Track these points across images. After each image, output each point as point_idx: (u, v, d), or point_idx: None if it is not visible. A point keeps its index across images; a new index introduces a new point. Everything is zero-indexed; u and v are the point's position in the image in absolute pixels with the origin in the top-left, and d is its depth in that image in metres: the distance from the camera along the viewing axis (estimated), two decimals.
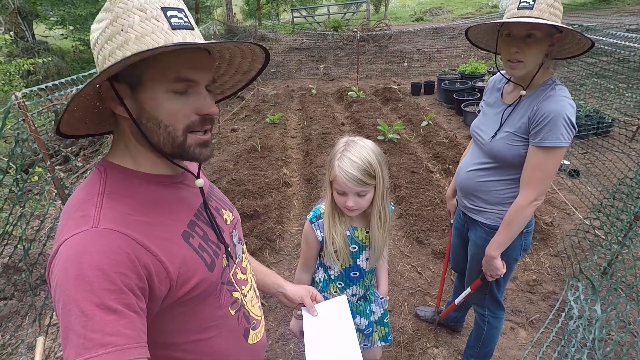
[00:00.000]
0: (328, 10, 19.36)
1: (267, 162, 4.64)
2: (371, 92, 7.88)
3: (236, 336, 0.94)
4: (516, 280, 2.88)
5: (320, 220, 1.43)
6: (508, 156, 1.54)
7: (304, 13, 18.96)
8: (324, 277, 1.56)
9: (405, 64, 10.30)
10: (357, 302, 1.60)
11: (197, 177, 0.88)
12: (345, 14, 18.85)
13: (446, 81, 7.18)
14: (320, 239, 1.43)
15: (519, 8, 1.38)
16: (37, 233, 2.73)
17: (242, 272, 1.00)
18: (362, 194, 1.27)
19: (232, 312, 0.92)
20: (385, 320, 1.70)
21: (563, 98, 1.40)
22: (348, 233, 1.41)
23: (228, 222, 0.98)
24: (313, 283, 1.61)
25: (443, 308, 2.42)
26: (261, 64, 0.88)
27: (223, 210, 0.99)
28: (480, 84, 6.82)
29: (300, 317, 1.23)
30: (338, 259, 1.42)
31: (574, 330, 2.23)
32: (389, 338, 1.74)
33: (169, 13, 0.69)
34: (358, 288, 1.56)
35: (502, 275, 1.70)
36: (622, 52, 4.01)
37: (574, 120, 1.39)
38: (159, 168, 0.81)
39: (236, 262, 0.97)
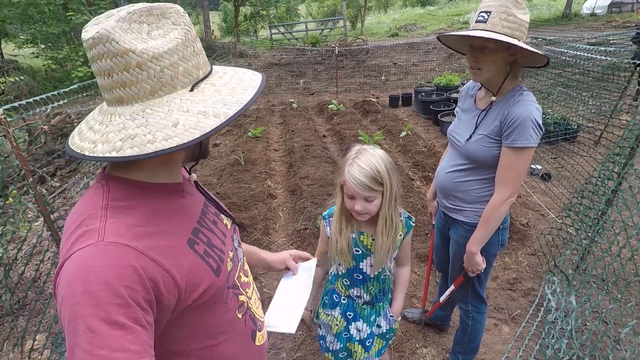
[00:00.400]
0: (306, 26, 19.78)
1: (251, 175, 4.69)
2: (351, 105, 8.06)
3: (244, 339, 0.96)
4: (497, 279, 3.00)
5: (331, 218, 1.52)
6: (483, 157, 1.66)
7: (282, 29, 19.30)
8: (335, 271, 1.64)
9: (383, 78, 10.60)
10: (362, 305, 1.63)
11: (190, 173, 0.95)
12: (323, 30, 19.27)
13: (423, 93, 7.43)
14: (328, 235, 1.53)
15: (476, 22, 1.54)
16: (17, 253, 2.68)
17: (244, 275, 1.02)
18: (370, 200, 1.34)
19: (240, 315, 0.94)
20: (387, 336, 1.71)
21: (530, 102, 1.54)
22: (353, 236, 1.48)
23: (228, 227, 1.01)
24: (330, 276, 1.70)
25: (429, 308, 2.50)
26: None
27: (222, 216, 1.01)
28: (455, 95, 7.08)
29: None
30: (338, 259, 1.50)
31: (553, 322, 2.35)
32: (382, 351, 1.73)
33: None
34: (362, 291, 1.59)
35: (482, 271, 1.80)
36: (585, 63, 4.29)
37: (540, 122, 1.53)
38: (158, 177, 0.81)
39: (239, 266, 0.99)
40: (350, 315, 1.66)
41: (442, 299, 2.14)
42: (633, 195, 2.26)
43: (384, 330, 1.68)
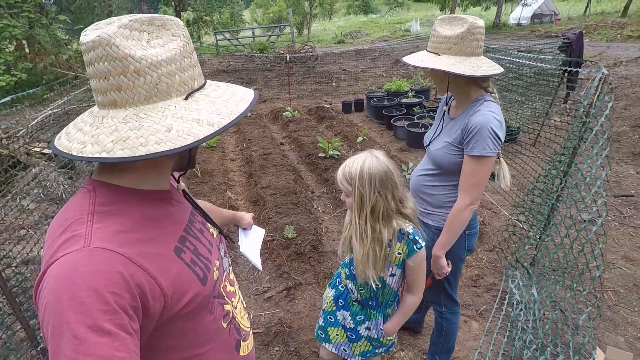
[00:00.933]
0: (253, 32, 19.57)
1: (210, 187, 4.53)
2: (305, 111, 8.08)
3: (229, 349, 0.96)
4: (462, 276, 3.13)
5: None
6: (447, 164, 1.72)
7: (227, 35, 18.95)
8: (347, 259, 1.66)
9: (334, 84, 10.75)
10: (353, 300, 1.69)
11: (178, 182, 0.95)
12: (270, 36, 19.18)
13: (375, 99, 7.63)
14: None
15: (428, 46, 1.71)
16: None
17: (230, 285, 1.02)
18: (347, 195, 1.43)
19: (225, 324, 0.94)
20: (375, 344, 1.72)
21: (489, 112, 1.58)
22: None
23: (215, 236, 1.02)
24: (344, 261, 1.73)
25: None
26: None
27: (209, 225, 1.02)
28: (405, 100, 7.35)
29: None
30: (343, 247, 1.58)
31: (518, 314, 2.49)
32: (368, 355, 1.75)
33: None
34: (354, 287, 1.63)
35: (448, 274, 1.84)
36: (522, 69, 4.64)
37: (498, 133, 1.57)
38: (146, 184, 0.81)
39: (225, 275, 0.99)
40: (341, 303, 1.71)
41: None
42: (579, 191, 2.46)
43: (373, 337, 1.69)
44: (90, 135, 0.70)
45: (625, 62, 9.12)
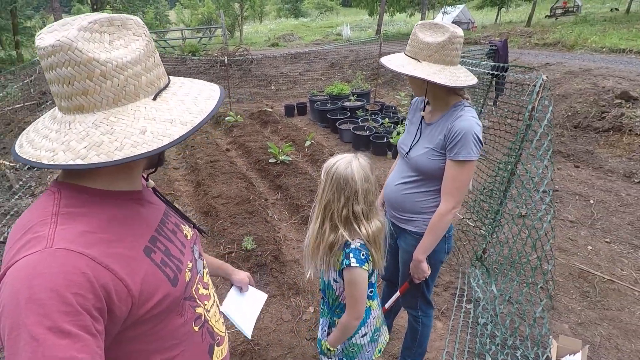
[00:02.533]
0: (182, 34, 18.67)
1: None
2: (247, 115, 7.87)
3: (201, 353, 0.93)
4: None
5: None
6: (429, 169, 1.74)
7: (154, 37, 17.87)
8: None
9: (273, 88, 10.62)
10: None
11: (147, 180, 0.94)
12: (201, 38, 18.45)
13: (318, 102, 7.66)
14: None
15: (406, 51, 1.72)
16: None
17: (204, 288, 1.00)
18: None
19: (196, 328, 0.91)
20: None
21: (471, 118, 1.64)
22: None
23: (188, 237, 0.99)
24: None
25: None
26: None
27: (183, 226, 0.99)
28: (347, 103, 7.47)
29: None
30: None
31: (481, 312, 2.60)
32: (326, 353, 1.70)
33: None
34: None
35: (428, 277, 1.88)
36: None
37: (480, 137, 1.64)
38: (116, 184, 0.80)
39: (198, 278, 0.97)
40: (321, 310, 1.72)
41: (387, 305, 2.18)
42: (528, 190, 2.65)
43: (324, 339, 1.66)
44: (59, 142, 0.68)
45: (537, 67, 10.16)
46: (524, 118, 2.68)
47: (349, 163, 1.35)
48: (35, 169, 4.96)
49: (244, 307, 1.40)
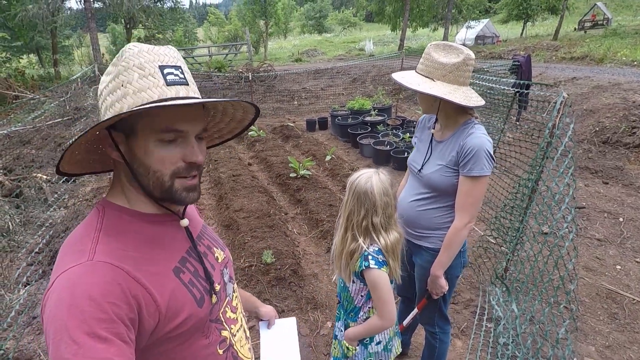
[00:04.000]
0: (209, 51, 19.31)
1: None
2: (269, 130, 8.03)
3: None
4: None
5: None
6: (443, 186, 1.77)
7: (182, 54, 18.55)
8: None
9: (296, 102, 10.81)
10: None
11: (182, 218, 0.92)
12: (227, 54, 19.03)
13: (339, 117, 7.74)
14: None
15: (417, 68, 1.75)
16: None
17: (232, 311, 1.01)
18: None
19: (220, 351, 0.92)
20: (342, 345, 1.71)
21: (482, 135, 1.68)
22: None
23: (219, 260, 1.00)
24: None
25: None
26: (253, 114, 0.96)
27: (215, 249, 1.01)
28: (368, 118, 7.53)
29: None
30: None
31: (502, 331, 2.55)
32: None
33: (166, 71, 0.77)
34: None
35: (445, 292, 1.88)
36: (480, 88, 4.92)
37: (492, 153, 1.67)
38: (151, 207, 0.85)
39: (226, 301, 0.98)
40: (338, 313, 1.76)
41: (405, 322, 2.18)
42: (549, 207, 2.61)
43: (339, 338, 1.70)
44: None
45: (563, 82, 9.96)
46: (544, 135, 2.66)
47: (369, 178, 1.47)
48: (70, 181, 5.22)
49: (281, 342, 1.35)
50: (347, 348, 1.64)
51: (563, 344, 2.47)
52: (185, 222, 0.92)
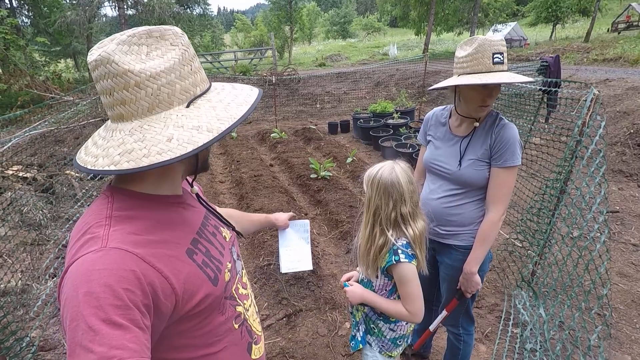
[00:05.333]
0: (235, 55, 19.67)
1: None
2: (291, 132, 8.08)
3: (241, 350, 0.98)
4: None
5: None
6: (476, 180, 1.72)
7: (209, 58, 19.00)
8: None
9: (318, 106, 10.85)
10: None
11: (192, 186, 0.97)
12: (252, 59, 19.34)
13: (361, 120, 7.71)
14: None
15: (494, 63, 1.61)
16: None
17: (243, 287, 1.03)
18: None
19: (236, 325, 0.96)
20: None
21: (512, 125, 1.67)
22: None
23: (227, 239, 1.03)
24: None
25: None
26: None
27: (222, 229, 1.03)
28: (390, 121, 7.46)
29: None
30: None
31: (528, 336, 2.45)
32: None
33: None
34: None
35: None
36: (508, 89, 4.78)
37: (521, 142, 1.67)
38: (161, 189, 0.85)
39: (237, 278, 1.01)
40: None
41: (432, 327, 2.11)
42: (579, 209, 2.49)
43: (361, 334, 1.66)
44: (102, 149, 0.74)
45: (595, 83, 9.58)
46: (572, 134, 2.56)
47: (392, 169, 1.44)
48: (97, 178, 5.41)
49: (295, 245, 1.51)
50: (357, 309, 1.64)
51: (595, 352, 2.35)
52: (195, 189, 0.97)
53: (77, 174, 5.30)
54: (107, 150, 0.73)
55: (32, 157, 5.88)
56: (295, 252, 1.49)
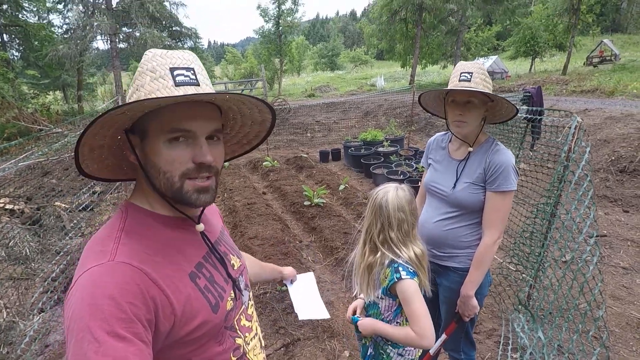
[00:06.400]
0: (226, 87, 20.01)
1: None
2: (283, 161, 8.15)
3: None
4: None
5: None
6: (471, 203, 1.76)
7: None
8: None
9: (309, 135, 11.02)
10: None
11: (198, 223, 0.90)
12: (243, 90, 19.68)
13: (352, 148, 7.85)
14: None
15: (460, 80, 1.69)
16: None
17: (247, 319, 1.00)
18: None
19: (234, 358, 0.92)
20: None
21: (506, 151, 1.72)
22: None
23: (235, 268, 0.99)
24: None
25: None
26: (269, 113, 0.94)
27: (231, 256, 1.00)
28: (381, 149, 7.60)
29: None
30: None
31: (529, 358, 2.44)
32: None
33: (176, 72, 0.78)
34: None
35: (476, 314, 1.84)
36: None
37: (516, 168, 1.70)
38: (168, 211, 0.86)
39: (242, 309, 0.98)
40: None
41: (432, 350, 2.10)
42: (570, 231, 2.56)
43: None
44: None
45: (575, 113, 9.97)
46: (559, 159, 2.66)
47: (386, 192, 1.48)
48: (87, 210, 5.32)
49: (306, 296, 1.52)
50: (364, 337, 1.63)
51: None
52: (200, 227, 0.90)
53: (65, 206, 5.22)
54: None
55: (19, 189, 5.79)
56: (307, 302, 1.52)
